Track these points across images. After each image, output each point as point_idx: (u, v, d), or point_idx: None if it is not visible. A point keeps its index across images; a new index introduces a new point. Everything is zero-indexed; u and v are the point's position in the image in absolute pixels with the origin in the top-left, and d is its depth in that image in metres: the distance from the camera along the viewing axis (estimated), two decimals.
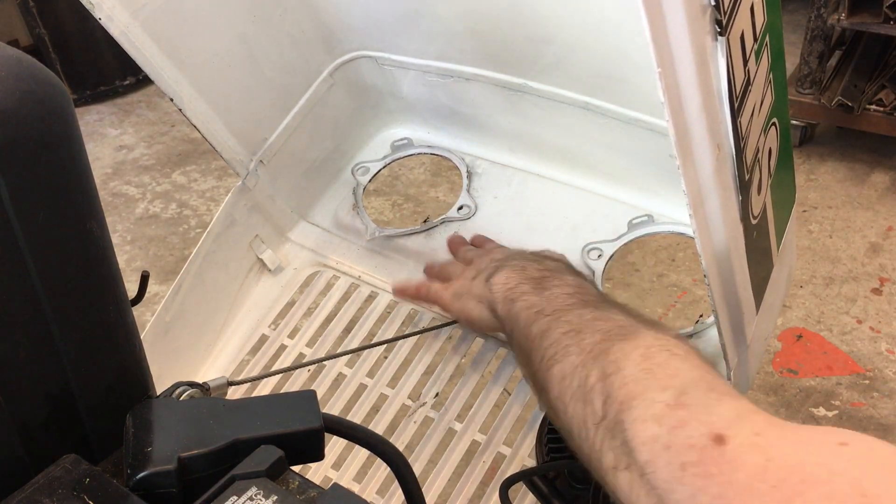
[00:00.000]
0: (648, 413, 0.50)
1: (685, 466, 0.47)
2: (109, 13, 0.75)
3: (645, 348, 0.56)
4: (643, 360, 0.55)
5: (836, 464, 0.43)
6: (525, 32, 0.84)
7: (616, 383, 0.54)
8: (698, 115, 0.53)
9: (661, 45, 0.48)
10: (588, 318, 0.62)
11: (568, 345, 0.61)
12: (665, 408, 0.50)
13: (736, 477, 0.44)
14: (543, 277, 0.71)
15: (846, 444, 0.44)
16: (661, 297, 1.90)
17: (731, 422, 0.47)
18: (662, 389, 0.51)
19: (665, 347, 0.56)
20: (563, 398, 0.59)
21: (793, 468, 0.43)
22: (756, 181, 0.66)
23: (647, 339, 0.57)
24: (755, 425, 0.47)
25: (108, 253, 0.53)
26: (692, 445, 0.47)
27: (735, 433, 0.46)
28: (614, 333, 0.59)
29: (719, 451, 0.46)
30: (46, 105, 0.47)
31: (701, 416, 0.48)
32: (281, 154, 0.98)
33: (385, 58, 0.99)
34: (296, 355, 0.93)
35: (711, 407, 0.49)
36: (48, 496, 0.46)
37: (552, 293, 0.68)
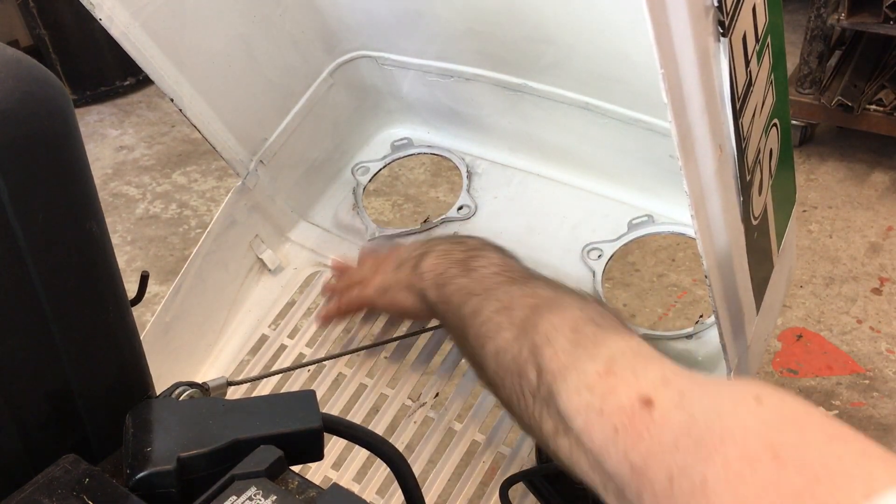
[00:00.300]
0: (581, 383, 0.54)
1: (617, 429, 0.50)
2: (110, 13, 0.75)
3: (572, 321, 0.59)
4: (572, 333, 0.58)
5: (751, 421, 0.45)
6: (525, 32, 0.84)
7: (548, 356, 0.57)
8: (700, 116, 0.53)
9: (664, 47, 0.48)
10: (517, 295, 0.65)
11: (500, 322, 0.63)
12: (596, 376, 0.53)
13: (663, 436, 0.47)
14: (469, 258, 0.74)
15: (761, 400, 0.46)
16: (661, 297, 1.90)
17: (658, 385, 0.50)
18: (592, 359, 0.54)
19: (591, 319, 0.59)
20: (499, 373, 0.62)
21: (712, 426, 0.46)
22: (757, 182, 0.66)
23: (573, 312, 0.60)
24: (679, 386, 0.50)
25: (107, 253, 0.53)
26: (623, 409, 0.50)
27: (661, 395, 0.49)
28: (542, 306, 0.62)
29: (647, 413, 0.49)
30: (46, 105, 0.47)
31: (629, 382, 0.51)
32: (281, 154, 0.98)
33: (385, 58, 0.99)
34: (296, 355, 0.93)
35: (638, 372, 0.52)
36: (48, 496, 0.46)
37: (480, 273, 0.71)
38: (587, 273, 0.89)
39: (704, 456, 0.45)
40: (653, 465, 0.47)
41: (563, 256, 0.91)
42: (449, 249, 0.77)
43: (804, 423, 0.45)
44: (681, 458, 0.46)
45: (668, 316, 1.85)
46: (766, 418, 0.45)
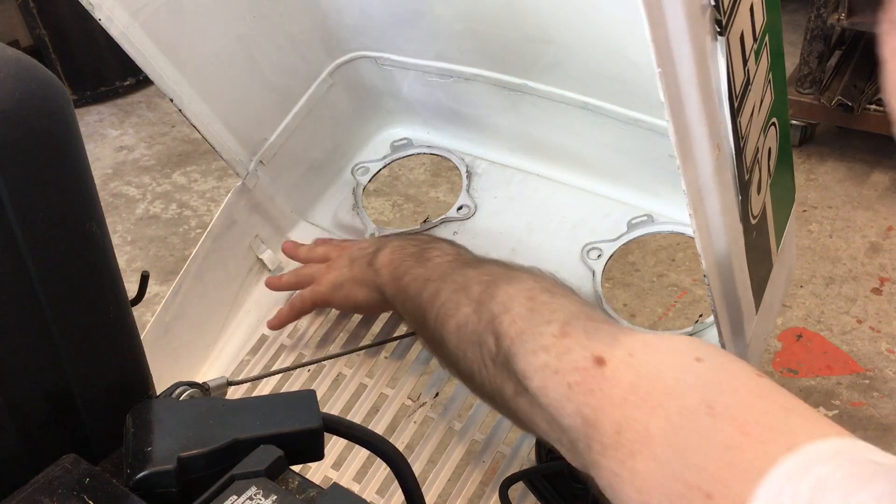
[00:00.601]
0: (537, 344, 0.57)
1: (571, 386, 0.54)
2: (109, 14, 0.75)
3: (528, 290, 0.62)
4: (528, 301, 0.61)
5: (690, 379, 0.50)
6: (525, 32, 0.84)
7: (506, 322, 0.61)
8: (698, 116, 0.53)
9: (661, 46, 0.48)
10: (472, 275, 0.69)
11: (458, 299, 0.67)
12: (552, 338, 0.57)
13: (613, 392, 0.51)
14: (422, 251, 0.77)
15: (701, 360, 0.51)
16: (661, 296, 1.90)
17: (609, 345, 0.54)
18: (548, 323, 0.58)
19: (545, 288, 0.63)
20: (461, 346, 0.66)
21: (656, 383, 0.50)
22: (756, 181, 0.66)
23: (528, 283, 0.64)
24: (629, 346, 0.54)
25: (107, 253, 0.53)
26: (577, 368, 0.54)
27: (612, 355, 0.53)
28: (498, 280, 0.66)
29: (600, 371, 0.53)
30: (46, 106, 0.47)
31: (583, 343, 0.55)
32: (281, 154, 0.98)
33: (385, 58, 0.99)
34: (296, 355, 0.93)
35: (591, 334, 0.56)
36: (48, 496, 0.47)
37: (434, 262, 0.75)
38: (587, 273, 0.89)
39: (648, 410, 0.49)
40: (602, 417, 0.51)
41: (562, 256, 0.91)
42: (402, 245, 0.80)
43: (738, 381, 0.49)
44: (628, 412, 0.50)
45: (668, 316, 1.85)
46: (704, 376, 0.50)
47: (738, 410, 0.46)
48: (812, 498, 0.39)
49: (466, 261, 0.73)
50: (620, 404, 0.51)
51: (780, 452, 0.42)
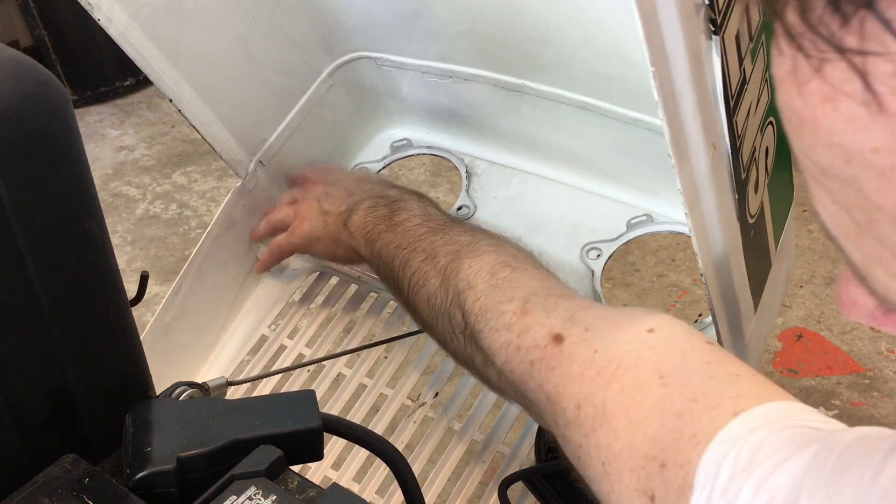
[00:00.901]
0: (500, 322, 0.60)
1: (533, 363, 0.56)
2: (108, 14, 0.75)
3: (490, 265, 0.64)
4: (490, 277, 0.63)
5: (643, 350, 0.51)
6: (525, 32, 0.84)
7: (470, 299, 0.63)
8: (693, 114, 0.53)
9: (654, 44, 0.48)
10: (439, 244, 0.71)
11: (427, 270, 0.70)
12: (513, 316, 0.59)
13: (571, 368, 0.53)
14: (392, 212, 0.79)
15: (653, 331, 0.52)
16: (661, 296, 1.90)
17: (566, 322, 0.56)
18: (509, 301, 0.60)
19: (506, 263, 0.64)
20: (432, 316, 0.69)
21: (612, 356, 0.52)
22: (753, 180, 0.66)
23: (490, 257, 0.66)
24: (585, 322, 0.56)
25: (107, 253, 0.53)
26: (537, 346, 0.56)
27: (570, 332, 0.55)
28: (462, 252, 0.68)
29: (558, 349, 0.55)
30: (45, 106, 0.47)
31: (542, 321, 0.57)
32: (280, 155, 0.98)
33: (384, 59, 0.99)
34: (295, 355, 0.93)
35: (550, 311, 0.58)
36: (48, 496, 0.47)
37: (404, 227, 0.76)
38: (587, 273, 0.89)
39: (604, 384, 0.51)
40: (563, 394, 0.53)
41: (562, 256, 0.91)
42: (373, 206, 0.82)
43: (688, 349, 0.51)
44: (585, 387, 0.51)
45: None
46: (657, 347, 0.51)
47: (687, 378, 0.48)
48: (750, 462, 0.40)
49: (433, 226, 0.75)
50: (577, 380, 0.52)
51: (727, 417, 0.43)
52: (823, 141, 0.24)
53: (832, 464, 0.37)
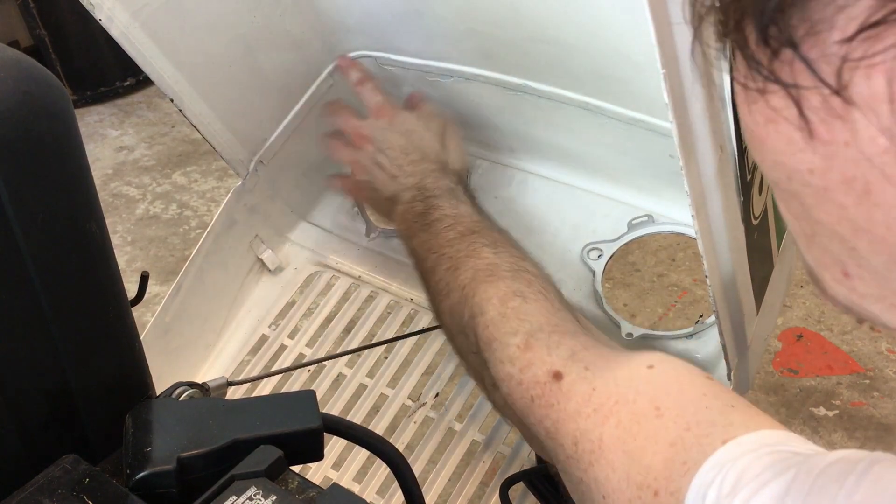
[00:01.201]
0: (504, 355, 0.61)
1: (533, 399, 0.57)
2: (109, 14, 0.75)
3: (502, 294, 0.65)
4: (500, 305, 0.64)
5: (642, 385, 0.52)
6: (526, 32, 0.84)
7: (480, 325, 0.65)
8: (702, 117, 0.53)
9: (665, 47, 0.48)
10: (463, 255, 0.72)
11: (449, 282, 0.71)
12: (517, 350, 0.60)
13: (569, 405, 0.54)
14: (427, 210, 0.79)
15: (653, 367, 0.53)
16: (662, 297, 1.90)
17: (567, 360, 0.57)
18: (514, 333, 0.61)
19: (518, 293, 0.65)
20: (451, 329, 0.72)
21: (610, 393, 0.53)
22: (757, 182, 0.66)
23: (505, 284, 0.66)
24: (585, 361, 0.56)
25: (107, 253, 0.53)
26: (537, 382, 0.57)
27: (570, 370, 0.56)
28: (480, 274, 0.69)
29: (557, 386, 0.56)
30: (46, 106, 0.47)
31: (544, 357, 0.58)
32: (281, 154, 0.98)
33: (385, 58, 0.98)
34: (296, 355, 0.93)
35: (552, 348, 0.59)
36: (48, 496, 0.47)
37: (436, 228, 0.77)
38: (587, 273, 0.89)
39: (601, 420, 0.51)
40: (561, 430, 0.54)
41: (563, 256, 0.91)
42: (411, 200, 0.82)
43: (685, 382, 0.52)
44: (583, 424, 0.52)
45: (669, 316, 1.85)
46: (654, 381, 0.52)
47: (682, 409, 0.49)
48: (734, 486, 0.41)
49: (461, 230, 0.76)
50: (575, 417, 0.53)
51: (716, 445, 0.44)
52: (769, 158, 0.26)
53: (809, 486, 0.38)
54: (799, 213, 0.27)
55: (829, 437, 1.58)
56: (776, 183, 0.27)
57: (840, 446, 1.56)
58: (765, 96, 0.25)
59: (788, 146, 0.25)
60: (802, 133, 0.24)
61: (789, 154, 0.25)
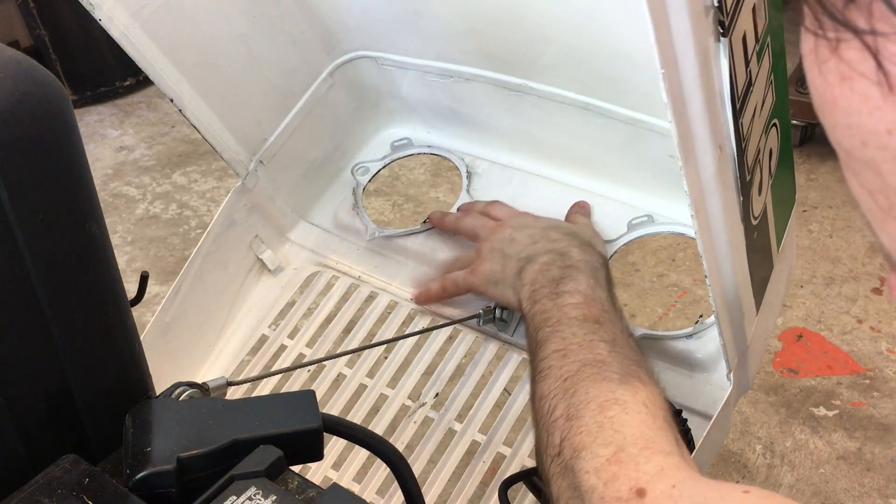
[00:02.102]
0: (591, 465, 0.58)
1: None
2: (109, 14, 0.75)
3: (604, 398, 0.62)
4: (598, 412, 0.61)
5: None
6: (525, 32, 0.84)
7: (574, 429, 0.62)
8: (701, 117, 0.53)
9: (664, 47, 0.48)
10: (577, 343, 0.68)
11: (552, 365, 0.67)
12: (605, 462, 0.58)
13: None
14: (562, 279, 0.75)
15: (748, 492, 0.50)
16: (662, 297, 1.90)
17: (654, 477, 0.55)
18: (606, 445, 0.59)
19: (620, 401, 0.62)
20: (537, 416, 0.67)
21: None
22: (757, 182, 0.66)
23: (609, 386, 0.63)
24: (673, 480, 0.54)
25: (107, 253, 0.53)
26: (619, 498, 0.55)
27: (654, 486, 0.54)
28: (587, 370, 0.65)
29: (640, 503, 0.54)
30: (45, 106, 0.47)
31: (630, 473, 0.56)
32: (281, 154, 0.98)
33: (385, 58, 0.98)
34: (296, 355, 0.93)
35: (640, 464, 0.57)
36: (48, 496, 0.47)
37: (563, 300, 0.73)
38: None
39: None
40: None
41: None
42: (549, 262, 0.78)
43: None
44: None
45: (669, 316, 1.85)
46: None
47: None
48: None
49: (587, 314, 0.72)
50: None
51: None
52: (842, 122, 0.24)
53: None
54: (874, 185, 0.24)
55: (829, 437, 1.58)
56: (849, 152, 0.25)
57: (840, 446, 1.56)
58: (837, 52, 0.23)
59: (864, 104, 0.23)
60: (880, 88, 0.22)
61: (865, 114, 0.23)
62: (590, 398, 0.63)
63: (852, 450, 1.54)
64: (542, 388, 0.67)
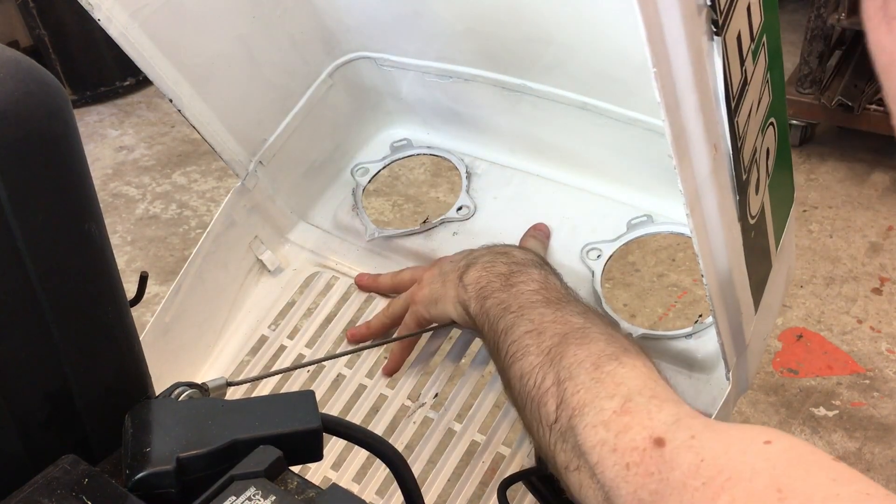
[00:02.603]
0: (598, 419, 0.55)
1: (629, 466, 0.51)
2: (108, 14, 0.75)
3: (596, 357, 0.60)
4: (594, 369, 0.59)
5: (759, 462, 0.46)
6: (525, 32, 0.84)
7: (569, 390, 0.58)
8: (695, 115, 0.53)
9: (656, 45, 0.48)
10: (548, 319, 0.66)
11: (528, 344, 0.65)
12: (612, 414, 0.55)
13: (672, 475, 0.49)
14: (511, 273, 0.74)
15: (770, 443, 0.48)
16: (661, 297, 1.90)
17: (670, 426, 0.52)
18: (610, 397, 0.56)
19: (614, 356, 0.59)
20: (521, 396, 0.64)
21: (721, 466, 0.47)
22: (754, 181, 0.66)
23: (598, 346, 0.61)
24: (691, 429, 0.51)
25: (107, 254, 0.53)
26: (635, 448, 0.52)
27: (673, 436, 0.51)
28: (571, 337, 0.63)
29: (658, 453, 0.50)
30: (45, 106, 0.47)
31: (643, 422, 0.53)
32: (280, 155, 0.98)
33: (384, 59, 0.99)
34: (295, 356, 0.93)
35: (653, 413, 0.54)
36: (47, 496, 0.47)
37: (518, 289, 0.71)
38: (587, 273, 0.89)
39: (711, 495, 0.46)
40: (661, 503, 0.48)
41: (562, 256, 0.91)
42: (493, 261, 0.77)
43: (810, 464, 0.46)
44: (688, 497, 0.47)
45: (668, 316, 1.85)
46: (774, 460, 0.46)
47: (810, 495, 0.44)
48: None
49: (549, 297, 0.70)
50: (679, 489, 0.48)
51: None
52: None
53: None
54: None
55: (829, 437, 1.58)
56: None
57: (840, 446, 1.56)
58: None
59: None
60: None
61: None
62: (580, 359, 0.60)
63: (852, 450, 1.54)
64: (521, 366, 0.64)
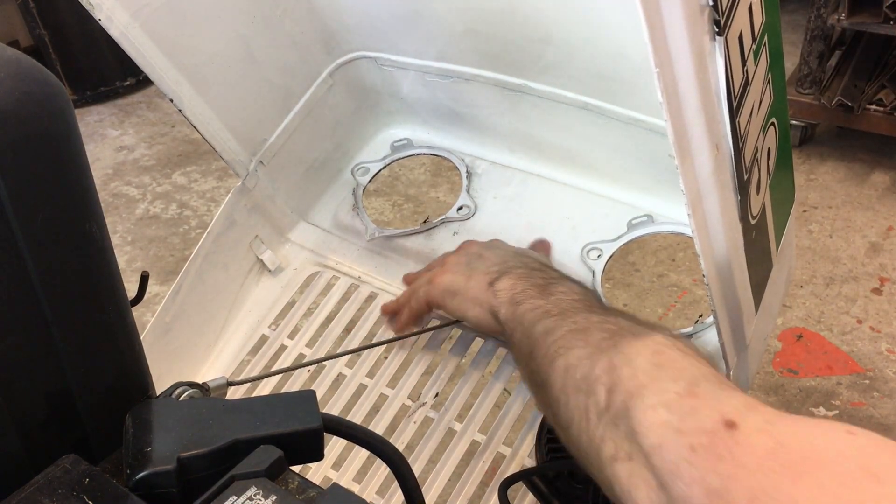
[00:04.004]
0: (659, 400, 0.51)
1: (695, 448, 0.48)
2: (109, 14, 0.75)
3: (655, 344, 0.57)
4: (654, 356, 0.55)
5: (845, 448, 0.44)
6: (525, 32, 0.84)
7: (626, 374, 0.55)
8: (697, 115, 0.53)
9: (658, 46, 0.48)
10: (595, 321, 0.63)
11: (574, 340, 0.62)
12: (677, 396, 0.51)
13: (747, 458, 0.45)
14: (548, 283, 0.72)
15: (854, 434, 0.45)
16: (661, 297, 1.90)
17: (742, 410, 0.48)
18: (674, 380, 0.52)
19: (675, 346, 0.56)
20: (566, 390, 0.60)
21: (802, 451, 0.44)
22: (755, 181, 0.66)
23: (657, 338, 0.57)
24: (765, 415, 0.48)
25: (107, 254, 0.53)
26: (703, 430, 0.48)
27: (745, 420, 0.47)
28: (624, 331, 0.60)
29: (730, 435, 0.47)
30: (45, 106, 0.47)
31: (712, 405, 0.49)
32: (281, 155, 0.98)
33: (385, 58, 0.99)
34: (296, 355, 0.93)
35: (722, 398, 0.50)
36: (47, 496, 0.47)
37: (558, 297, 0.69)
38: (587, 273, 0.89)
39: (793, 478, 0.43)
40: (733, 487, 0.45)
41: (562, 256, 0.91)
42: (528, 273, 0.75)
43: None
44: (765, 481, 0.44)
45: (668, 316, 1.85)
46: (862, 446, 0.44)
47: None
48: None
49: (591, 304, 0.68)
50: (755, 472, 0.45)
51: None
52: None
53: None
54: None
55: None
56: None
57: None
58: None
59: None
60: None
61: None
62: (639, 347, 0.57)
63: None
64: (567, 359, 0.61)
